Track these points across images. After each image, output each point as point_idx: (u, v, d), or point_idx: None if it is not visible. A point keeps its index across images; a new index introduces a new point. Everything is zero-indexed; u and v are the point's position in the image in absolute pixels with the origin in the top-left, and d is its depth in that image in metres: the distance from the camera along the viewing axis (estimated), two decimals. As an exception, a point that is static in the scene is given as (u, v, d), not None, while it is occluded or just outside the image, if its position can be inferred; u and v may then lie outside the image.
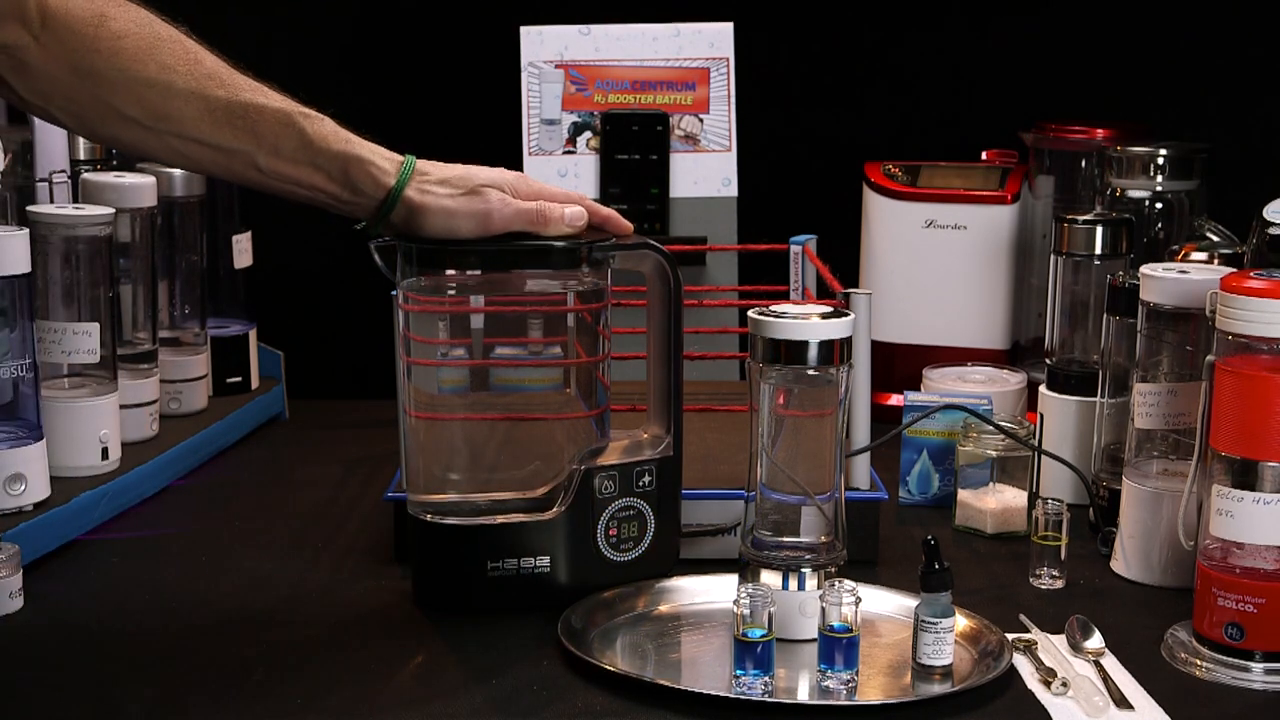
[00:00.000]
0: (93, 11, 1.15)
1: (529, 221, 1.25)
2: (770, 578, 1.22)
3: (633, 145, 1.90)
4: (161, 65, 1.17)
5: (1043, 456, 1.50)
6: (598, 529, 1.30)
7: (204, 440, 1.69)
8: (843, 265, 1.58)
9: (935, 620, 1.16)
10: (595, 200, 1.37)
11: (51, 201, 1.59)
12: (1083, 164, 1.88)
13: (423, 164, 1.25)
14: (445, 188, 1.25)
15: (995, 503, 1.50)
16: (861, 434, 1.40)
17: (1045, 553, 1.36)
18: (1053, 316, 1.57)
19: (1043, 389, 1.55)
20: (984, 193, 1.87)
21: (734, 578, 1.24)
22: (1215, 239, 1.64)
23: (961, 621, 1.22)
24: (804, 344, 1.19)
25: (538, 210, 1.26)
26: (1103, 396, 1.44)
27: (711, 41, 1.93)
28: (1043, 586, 1.36)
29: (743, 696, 1.12)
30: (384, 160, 1.24)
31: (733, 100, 1.92)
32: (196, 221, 1.75)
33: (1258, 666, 1.18)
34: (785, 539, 1.23)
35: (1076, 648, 1.21)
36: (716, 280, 1.89)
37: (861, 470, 1.41)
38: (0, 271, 1.36)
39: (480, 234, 1.25)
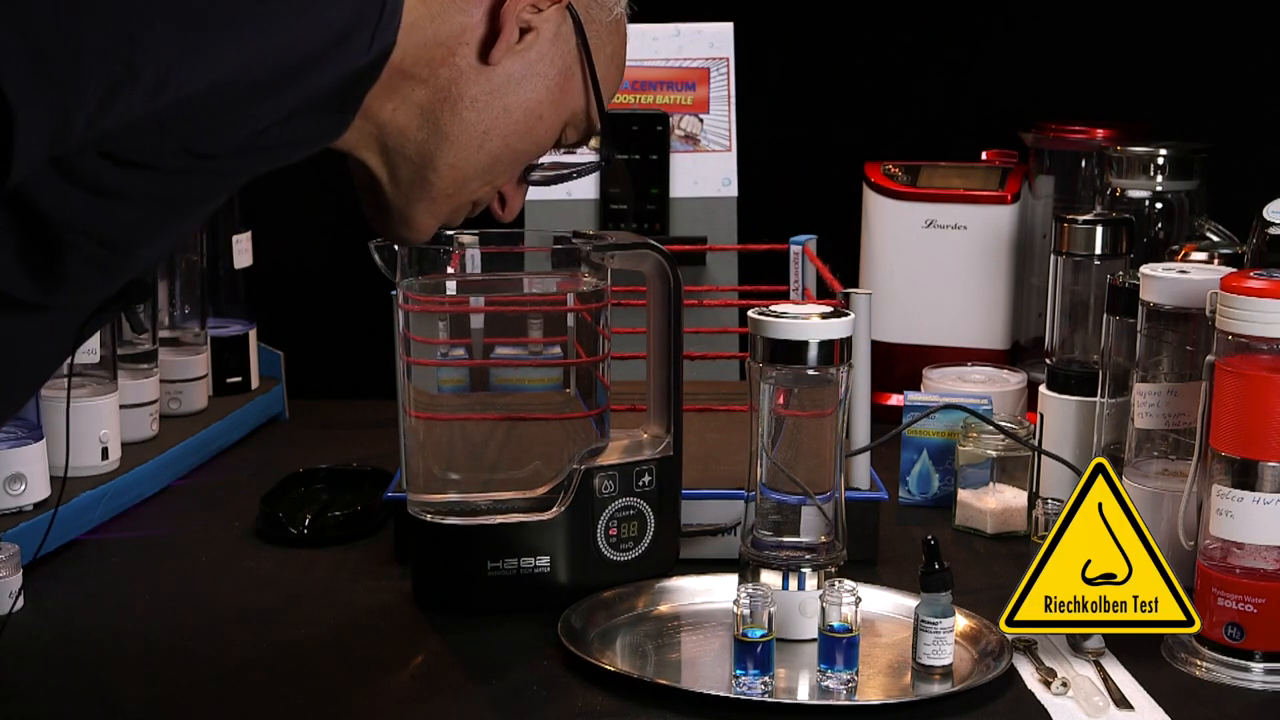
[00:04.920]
0: None
1: None
2: (770, 578, 1.22)
3: (633, 145, 1.90)
4: None
5: (1043, 456, 1.50)
6: (598, 529, 1.30)
7: (204, 440, 1.69)
8: (843, 265, 1.58)
9: (935, 620, 1.16)
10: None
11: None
12: (1083, 164, 1.88)
13: None
14: None
15: (995, 503, 1.50)
16: (861, 434, 1.40)
17: (1045, 553, 1.36)
18: (1053, 316, 1.57)
19: (1043, 389, 1.55)
20: (984, 193, 1.86)
21: (734, 578, 1.24)
22: (1215, 239, 1.63)
23: (961, 621, 1.22)
24: (804, 344, 1.19)
25: None
26: (1103, 396, 1.44)
27: (711, 41, 1.93)
28: (1043, 586, 1.36)
29: (743, 696, 1.12)
30: None
31: (733, 100, 1.92)
32: (196, 221, 1.75)
33: (1258, 666, 1.19)
34: (785, 539, 1.23)
35: (1076, 648, 1.21)
36: (716, 280, 1.89)
37: (861, 470, 1.41)
38: (0, 271, 1.36)
39: None
